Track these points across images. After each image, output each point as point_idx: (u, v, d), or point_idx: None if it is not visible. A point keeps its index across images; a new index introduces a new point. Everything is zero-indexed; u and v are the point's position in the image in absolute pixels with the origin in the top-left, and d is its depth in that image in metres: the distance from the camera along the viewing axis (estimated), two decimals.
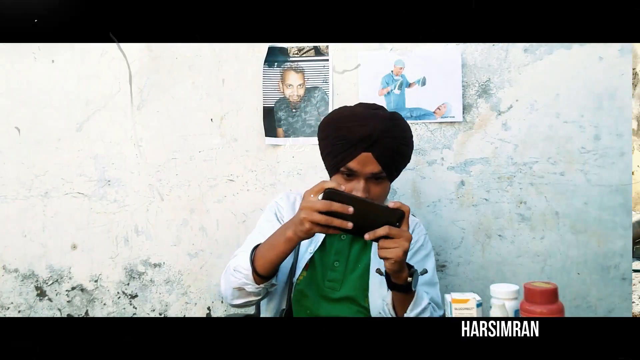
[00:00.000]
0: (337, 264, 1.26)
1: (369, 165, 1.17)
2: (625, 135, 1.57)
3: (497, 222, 1.63)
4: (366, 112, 1.20)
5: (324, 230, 1.01)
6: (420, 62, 1.62)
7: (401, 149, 1.21)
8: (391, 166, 1.19)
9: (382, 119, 1.18)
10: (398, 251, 1.00)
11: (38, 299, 1.76)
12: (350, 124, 1.18)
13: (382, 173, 1.18)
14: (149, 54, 1.69)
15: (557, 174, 1.60)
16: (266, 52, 1.66)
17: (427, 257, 1.31)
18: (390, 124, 1.18)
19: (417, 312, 1.11)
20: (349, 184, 1.19)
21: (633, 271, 2.24)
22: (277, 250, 1.10)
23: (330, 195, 1.00)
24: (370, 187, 1.19)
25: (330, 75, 1.65)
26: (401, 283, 1.07)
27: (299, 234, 1.04)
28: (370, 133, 1.15)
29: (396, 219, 1.01)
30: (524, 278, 1.62)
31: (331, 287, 1.25)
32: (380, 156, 1.16)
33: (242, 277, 1.14)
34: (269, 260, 1.12)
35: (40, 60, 1.71)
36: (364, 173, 1.17)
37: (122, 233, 1.73)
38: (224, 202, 1.70)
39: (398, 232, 1.01)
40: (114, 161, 1.72)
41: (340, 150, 1.18)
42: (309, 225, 1.01)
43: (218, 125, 1.69)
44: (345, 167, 1.18)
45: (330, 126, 1.22)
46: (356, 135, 1.16)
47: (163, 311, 1.74)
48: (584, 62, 1.58)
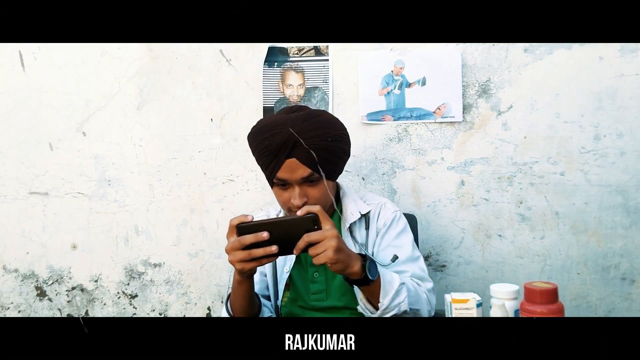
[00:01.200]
0: (317, 275, 1.24)
1: (297, 171, 1.13)
2: (625, 135, 1.57)
3: (497, 222, 1.63)
4: (280, 118, 1.16)
5: (256, 263, 1.00)
6: (420, 62, 1.62)
7: (327, 146, 1.15)
8: (323, 166, 1.15)
9: (295, 122, 1.13)
10: (328, 253, 0.97)
11: (38, 299, 1.76)
12: (267, 134, 1.15)
13: (313, 175, 1.14)
14: (149, 54, 1.69)
15: (557, 174, 1.60)
16: (266, 52, 1.66)
17: (400, 235, 1.26)
18: (306, 124, 1.13)
19: (390, 297, 1.07)
20: (285, 193, 1.16)
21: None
22: (239, 293, 1.12)
23: (242, 230, 0.99)
24: (306, 191, 1.16)
25: (330, 75, 1.65)
26: (358, 278, 1.04)
27: (242, 275, 1.06)
28: (285, 139, 1.11)
29: (312, 223, 0.99)
30: (524, 278, 1.62)
31: (317, 299, 1.24)
32: (305, 159, 1.12)
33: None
34: (239, 306, 1.14)
35: (40, 60, 1.71)
36: (294, 179, 1.14)
37: (122, 233, 1.73)
38: (224, 202, 1.70)
39: (319, 235, 0.98)
40: (114, 161, 1.72)
41: (266, 163, 1.16)
42: (239, 265, 1.00)
43: (218, 125, 1.69)
44: (276, 178, 1.15)
45: (252, 140, 1.20)
46: (274, 145, 1.12)
47: (163, 311, 1.74)
48: (584, 62, 1.58)
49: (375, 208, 1.29)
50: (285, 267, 1.26)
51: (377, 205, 1.30)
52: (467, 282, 1.65)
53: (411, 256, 1.24)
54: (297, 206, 1.14)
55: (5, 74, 1.72)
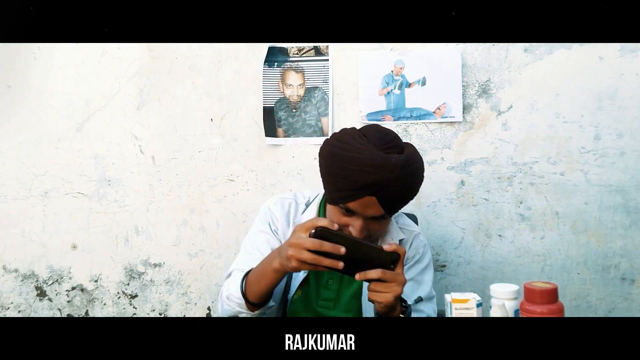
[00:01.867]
0: (331, 282, 1.23)
1: (371, 208, 1.07)
2: (625, 135, 1.57)
3: (497, 222, 1.63)
4: (378, 158, 1.05)
5: (312, 268, 0.96)
6: (420, 62, 1.62)
7: (409, 193, 1.11)
8: (395, 209, 1.13)
9: (394, 168, 1.04)
10: (389, 297, 0.95)
11: (38, 299, 1.76)
12: (357, 167, 1.05)
13: (384, 216, 1.10)
14: (149, 54, 1.69)
15: (557, 174, 1.60)
16: (266, 52, 1.66)
17: (424, 271, 1.26)
18: (403, 173, 1.05)
19: None
20: (345, 218, 1.10)
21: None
22: (266, 279, 1.06)
23: (322, 234, 0.95)
24: (369, 225, 1.11)
25: (330, 75, 1.65)
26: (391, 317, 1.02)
27: (287, 269, 1.00)
28: (378, 181, 1.04)
29: (391, 262, 0.96)
30: (524, 278, 1.62)
31: (325, 306, 1.22)
32: (385, 202, 1.07)
33: (236, 305, 1.11)
34: (259, 289, 1.08)
35: (40, 60, 1.71)
36: (364, 215, 1.09)
37: (122, 233, 1.73)
38: (224, 202, 1.70)
39: (392, 276, 0.96)
40: (114, 161, 1.72)
41: (341, 188, 1.08)
42: (296, 263, 0.96)
43: (218, 125, 1.69)
44: (345, 206, 1.09)
45: (334, 159, 1.09)
46: (361, 182, 1.05)
47: (163, 311, 1.74)
48: (584, 62, 1.58)
49: (408, 236, 1.27)
50: None
51: (410, 233, 1.28)
52: (467, 282, 1.65)
53: (429, 295, 1.25)
54: (356, 236, 1.09)
55: (5, 74, 1.72)
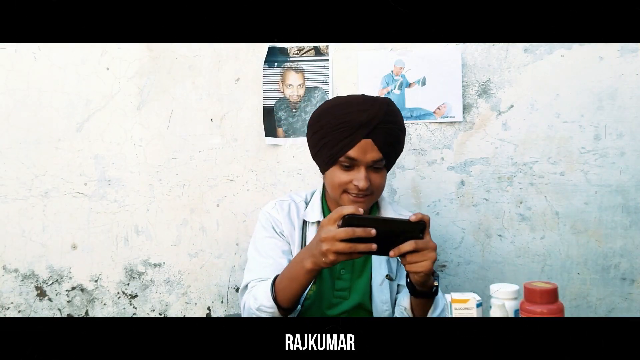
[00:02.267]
0: (343, 272, 1.25)
1: (369, 153, 1.14)
2: (625, 135, 1.57)
3: (497, 222, 1.63)
4: (365, 98, 1.18)
5: (348, 257, 0.98)
6: (420, 62, 1.62)
7: (398, 135, 1.19)
8: (390, 153, 1.18)
9: (382, 104, 1.16)
10: (427, 264, 0.97)
11: (38, 299, 1.76)
12: (349, 109, 1.15)
13: (382, 161, 1.16)
14: (149, 54, 1.69)
15: (557, 174, 1.60)
16: (266, 52, 1.66)
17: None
18: (389, 109, 1.17)
19: (437, 313, 1.12)
20: (347, 175, 1.16)
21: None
22: (298, 282, 1.06)
23: (350, 221, 0.96)
24: (370, 175, 1.16)
25: (330, 75, 1.65)
26: (427, 290, 1.06)
27: (322, 265, 1.01)
28: (371, 118, 1.12)
29: (419, 231, 0.99)
30: (524, 278, 1.62)
31: (340, 296, 1.24)
32: (380, 143, 1.14)
33: (268, 315, 1.11)
34: (291, 294, 1.08)
35: (40, 60, 1.71)
36: (365, 161, 1.15)
37: (122, 233, 1.73)
38: (224, 202, 1.70)
39: (423, 244, 0.98)
40: (114, 161, 1.72)
41: (339, 138, 1.14)
42: (334, 256, 0.96)
43: (218, 125, 1.69)
44: (345, 156, 1.14)
45: (326, 114, 1.18)
46: (356, 121, 1.13)
47: (163, 311, 1.74)
48: (584, 62, 1.58)
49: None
50: None
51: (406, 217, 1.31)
52: (467, 282, 1.65)
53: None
54: (362, 188, 1.14)
55: (5, 74, 1.72)
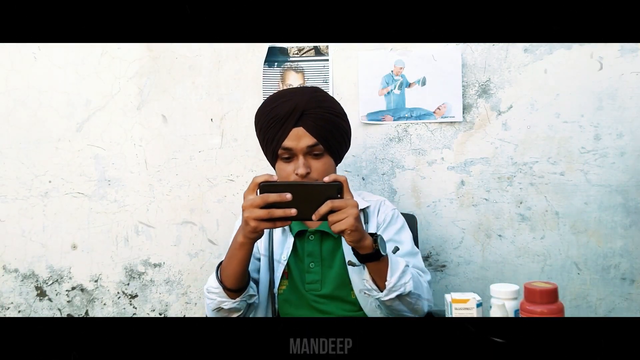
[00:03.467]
0: (312, 265, 1.25)
1: (302, 139, 1.18)
2: (625, 135, 1.57)
3: (497, 222, 1.63)
4: (288, 89, 1.27)
5: (270, 224, 1.01)
6: (420, 62, 1.62)
7: (332, 119, 1.21)
8: (326, 137, 1.19)
9: (305, 91, 1.22)
10: (349, 220, 1.00)
11: (38, 299, 1.76)
12: (275, 103, 1.21)
13: (317, 145, 1.19)
14: (149, 54, 1.69)
15: (557, 174, 1.60)
16: (266, 52, 1.66)
17: (400, 231, 1.30)
18: (315, 95, 1.21)
19: (397, 276, 1.09)
20: (289, 166, 1.20)
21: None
22: (236, 258, 1.10)
23: (265, 188, 1.01)
24: (310, 163, 1.20)
25: (330, 75, 1.65)
26: (369, 252, 1.06)
27: (249, 236, 1.04)
28: (294, 106, 1.18)
29: (336, 192, 1.02)
30: (524, 278, 1.62)
31: (312, 289, 1.24)
32: (311, 127, 1.18)
33: (216, 296, 1.14)
34: (232, 272, 1.11)
35: (40, 60, 1.71)
36: (299, 148, 1.18)
37: (122, 233, 1.73)
38: (224, 202, 1.70)
39: (341, 202, 1.01)
40: (114, 161, 1.72)
41: (273, 133, 1.20)
42: (254, 222, 1.00)
43: (218, 125, 1.69)
44: (281, 148, 1.19)
45: (260, 113, 1.25)
46: (282, 112, 1.18)
47: (163, 311, 1.75)
48: (584, 62, 1.58)
49: (374, 204, 1.33)
50: (282, 256, 1.27)
51: (376, 201, 1.34)
52: (467, 282, 1.65)
53: (411, 251, 1.28)
54: (301, 175, 1.17)
55: (5, 74, 1.72)
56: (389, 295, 1.10)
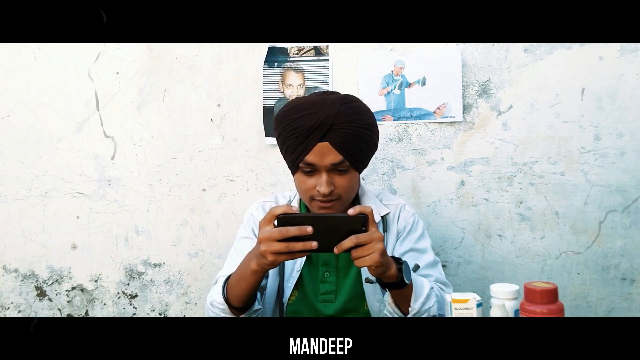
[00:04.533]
0: (327, 275, 1.21)
1: (327, 156, 1.08)
2: (625, 135, 1.57)
3: (497, 222, 1.63)
4: (315, 99, 1.10)
5: (289, 257, 0.96)
6: (420, 62, 1.62)
7: (361, 133, 1.10)
8: (353, 153, 1.10)
9: (334, 103, 1.08)
10: (374, 256, 0.94)
11: (38, 299, 1.76)
12: (299, 114, 1.08)
13: (344, 162, 1.09)
14: (149, 54, 1.69)
15: (557, 174, 1.60)
16: (266, 52, 1.66)
17: (420, 239, 1.25)
18: (344, 108, 1.09)
19: (421, 301, 1.05)
20: (310, 180, 1.11)
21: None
22: (246, 282, 1.04)
23: (284, 220, 0.94)
24: (334, 179, 1.10)
25: (330, 75, 1.65)
26: (393, 281, 1.01)
27: (264, 267, 0.99)
28: (321, 120, 1.06)
29: (361, 224, 0.95)
30: (524, 278, 1.62)
31: (326, 299, 1.20)
32: (338, 144, 1.07)
33: (220, 311, 1.09)
34: (240, 292, 1.06)
35: (40, 60, 1.71)
36: (324, 165, 1.08)
37: (122, 233, 1.73)
38: (224, 202, 1.70)
39: (366, 237, 0.94)
40: (114, 161, 1.72)
41: (295, 145, 1.09)
42: (272, 257, 0.94)
43: (218, 125, 1.69)
44: (303, 162, 1.09)
45: (281, 120, 1.13)
46: (307, 125, 1.06)
47: (163, 311, 1.75)
48: (584, 62, 1.58)
49: (394, 210, 1.26)
50: (296, 265, 1.21)
51: (396, 206, 1.27)
52: (467, 282, 1.65)
53: (433, 261, 1.23)
54: (323, 194, 1.09)
55: (5, 74, 1.72)
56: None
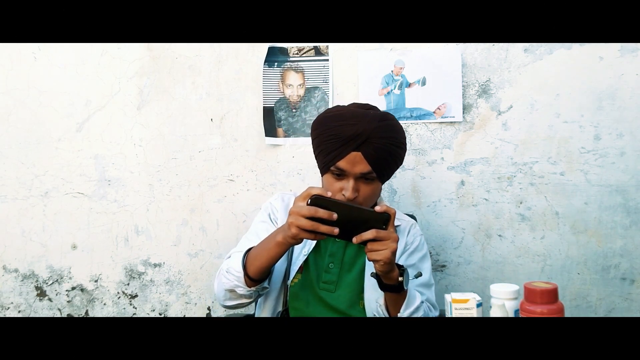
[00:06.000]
0: (331, 266, 1.26)
1: (358, 165, 1.16)
2: (625, 135, 1.57)
3: (497, 222, 1.63)
4: (357, 112, 1.20)
5: (311, 236, 1.02)
6: (420, 62, 1.62)
7: (392, 150, 1.19)
8: (382, 166, 1.19)
9: (373, 119, 1.17)
10: (386, 253, 1.01)
11: (38, 299, 1.76)
12: (340, 122, 1.18)
13: (372, 173, 1.18)
14: (149, 54, 1.69)
15: (557, 174, 1.60)
16: (266, 52, 1.66)
17: (423, 259, 1.32)
18: (381, 124, 1.17)
19: (410, 311, 1.12)
20: (338, 183, 1.19)
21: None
22: (268, 254, 1.11)
23: (317, 201, 1.01)
24: (360, 186, 1.18)
25: (330, 75, 1.65)
26: (392, 283, 1.07)
27: (288, 239, 1.06)
28: (359, 132, 1.15)
29: (382, 222, 1.02)
30: (524, 278, 1.62)
31: (326, 288, 1.25)
32: (370, 156, 1.16)
33: (234, 279, 1.15)
34: (260, 264, 1.13)
35: (40, 60, 1.71)
36: (353, 173, 1.17)
37: (122, 233, 1.73)
38: (224, 202, 1.70)
39: (385, 234, 1.02)
40: (114, 161, 1.72)
41: (330, 149, 1.18)
42: (296, 230, 1.02)
43: (218, 125, 1.69)
44: (334, 166, 1.18)
45: (322, 125, 1.22)
46: (346, 134, 1.15)
47: (163, 311, 1.74)
48: (584, 62, 1.58)
49: (405, 225, 1.34)
50: (304, 250, 1.27)
51: (407, 222, 1.35)
52: (467, 282, 1.65)
53: (428, 282, 1.29)
54: (348, 198, 1.17)
55: (5, 74, 1.72)
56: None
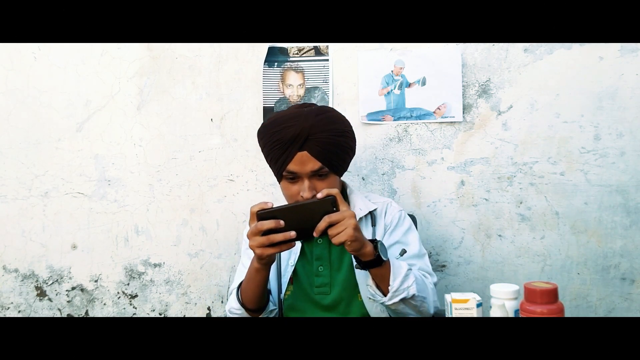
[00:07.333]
0: (321, 269, 1.26)
1: (307, 164, 1.18)
2: (625, 135, 1.57)
3: (497, 222, 1.63)
4: (293, 112, 1.21)
5: (275, 249, 1.05)
6: (420, 62, 1.62)
7: (336, 141, 1.20)
8: (331, 160, 1.19)
9: (309, 116, 1.19)
10: (348, 231, 1.02)
11: (38, 299, 1.76)
12: (279, 127, 1.19)
13: (323, 169, 1.19)
14: (149, 54, 1.69)
15: (557, 174, 1.60)
16: (266, 52, 1.66)
17: (407, 232, 1.31)
18: (318, 119, 1.19)
19: (399, 280, 1.11)
20: (294, 187, 1.20)
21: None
22: (254, 283, 1.15)
23: (263, 215, 1.03)
24: (315, 184, 1.19)
25: (330, 75, 1.65)
26: (371, 258, 1.08)
27: (261, 263, 1.09)
28: (299, 132, 1.16)
29: (331, 206, 1.04)
30: (524, 278, 1.62)
31: (321, 292, 1.25)
32: (316, 152, 1.17)
33: (238, 317, 1.19)
34: (252, 294, 1.17)
35: (40, 60, 1.71)
36: (305, 172, 1.18)
37: (122, 233, 1.73)
38: (224, 202, 1.70)
39: (338, 215, 1.03)
40: (114, 161, 1.72)
41: (277, 155, 1.19)
42: (259, 250, 1.04)
43: (218, 125, 1.69)
44: (286, 170, 1.19)
45: (264, 134, 1.24)
46: (287, 137, 1.17)
47: (163, 311, 1.75)
48: (584, 62, 1.58)
49: (381, 206, 1.33)
50: (290, 260, 1.27)
51: (383, 203, 1.34)
52: (467, 282, 1.65)
53: (418, 253, 1.29)
54: (306, 198, 1.18)
55: (5, 74, 1.72)
56: (392, 299, 1.11)
